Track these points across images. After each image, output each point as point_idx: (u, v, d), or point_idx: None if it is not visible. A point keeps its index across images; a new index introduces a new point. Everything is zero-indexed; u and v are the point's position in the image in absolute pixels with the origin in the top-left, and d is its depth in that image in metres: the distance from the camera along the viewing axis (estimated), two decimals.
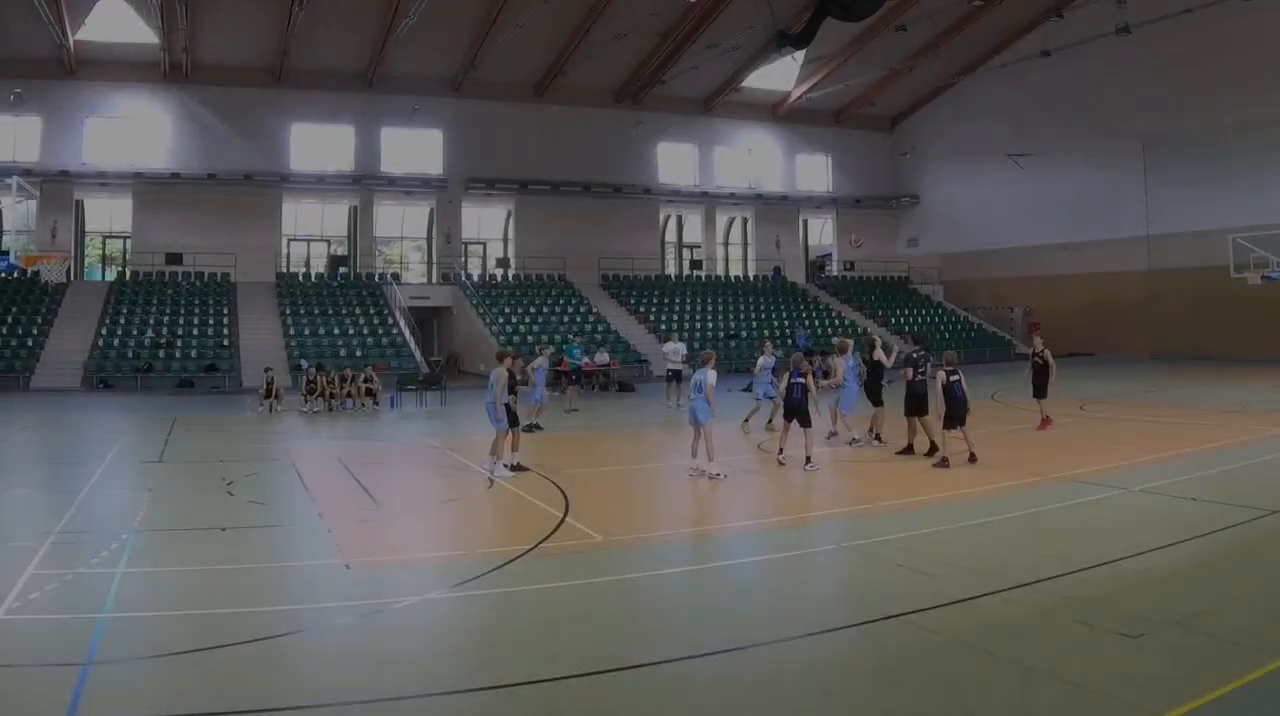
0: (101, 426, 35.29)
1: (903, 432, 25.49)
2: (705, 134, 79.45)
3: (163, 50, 61.87)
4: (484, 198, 74.17)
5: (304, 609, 12.63)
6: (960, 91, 78.24)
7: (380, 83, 68.19)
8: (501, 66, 67.78)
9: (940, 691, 9.57)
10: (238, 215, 66.28)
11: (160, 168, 65.20)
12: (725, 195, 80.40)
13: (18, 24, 56.70)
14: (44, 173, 60.86)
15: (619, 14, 61.96)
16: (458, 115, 71.39)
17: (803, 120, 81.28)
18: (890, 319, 72.45)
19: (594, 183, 74.60)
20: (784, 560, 15.00)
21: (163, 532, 17.06)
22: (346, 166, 70.11)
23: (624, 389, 50.01)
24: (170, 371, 52.65)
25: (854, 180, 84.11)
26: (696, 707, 9.38)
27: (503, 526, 18.21)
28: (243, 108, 66.67)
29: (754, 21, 59.83)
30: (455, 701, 9.60)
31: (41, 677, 9.98)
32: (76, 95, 63.69)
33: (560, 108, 73.07)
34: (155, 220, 65.47)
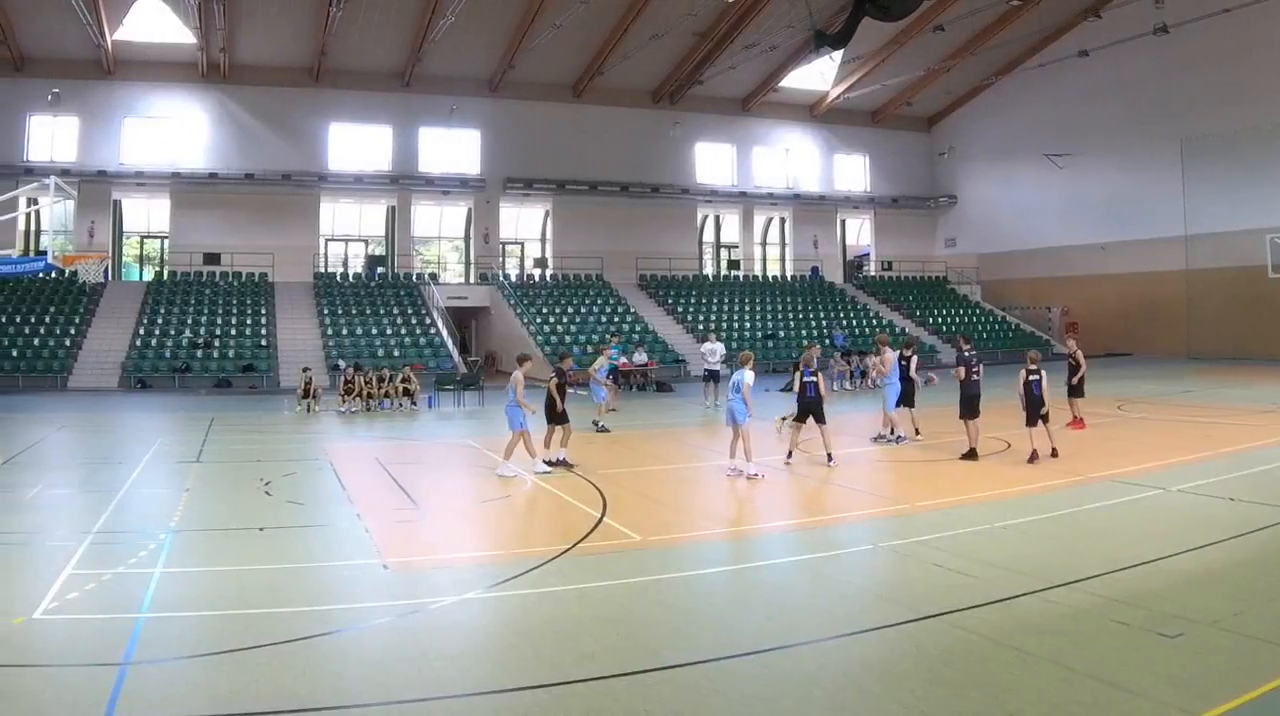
0: (139, 426, 35.33)
1: (950, 433, 25.54)
2: (743, 134, 79.40)
3: (200, 50, 62.39)
4: (522, 197, 74.22)
5: (342, 609, 12.61)
6: (998, 91, 77.88)
7: (418, 83, 68.43)
8: (539, 67, 67.91)
9: (978, 691, 9.51)
10: (276, 215, 66.67)
11: (198, 168, 65.55)
12: (763, 195, 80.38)
13: (56, 24, 57.22)
14: (82, 173, 60.80)
15: (656, 14, 61.92)
16: (495, 115, 71.59)
17: (840, 120, 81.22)
18: (928, 319, 72.85)
19: (632, 183, 74.68)
20: (821, 560, 14.93)
21: (200, 533, 17.06)
22: (384, 166, 70.35)
23: (662, 389, 50.11)
24: (208, 371, 52.89)
25: (892, 180, 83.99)
26: (733, 708, 9.28)
27: (541, 526, 18.19)
28: (281, 108, 67.08)
29: (792, 21, 59.80)
30: (493, 701, 9.54)
31: (79, 677, 10.00)
32: (114, 95, 64.14)
33: (598, 108, 73.13)
34: (193, 220, 65.84)
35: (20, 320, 56.13)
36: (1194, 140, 63.36)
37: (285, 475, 22.91)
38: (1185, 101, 64.00)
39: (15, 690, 9.59)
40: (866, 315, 72.70)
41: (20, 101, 62.15)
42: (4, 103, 61.70)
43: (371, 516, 18.20)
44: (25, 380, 50.08)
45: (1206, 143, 62.48)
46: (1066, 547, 15.21)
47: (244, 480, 21.98)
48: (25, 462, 24.51)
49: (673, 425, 33.91)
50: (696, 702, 9.39)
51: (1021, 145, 75.96)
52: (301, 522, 18.06)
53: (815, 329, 67.27)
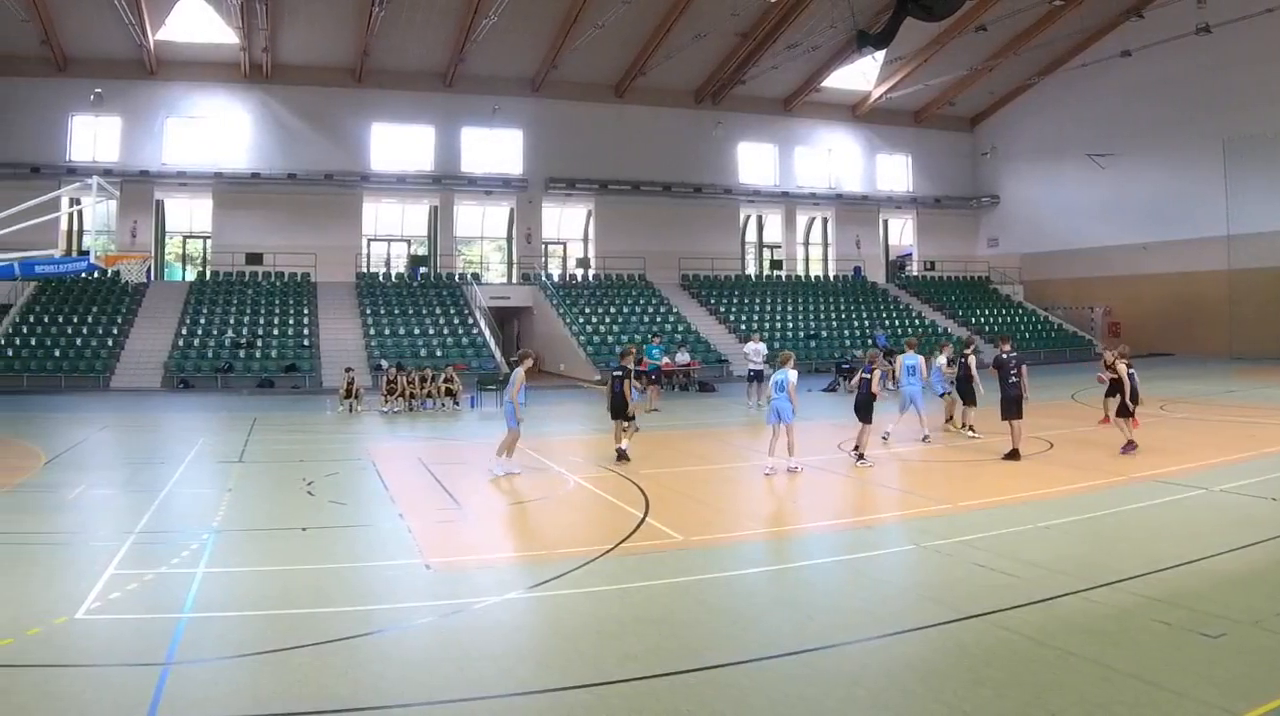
0: (181, 426, 35.40)
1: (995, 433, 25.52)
2: (785, 134, 79.34)
3: (243, 50, 62.62)
4: (564, 197, 74.35)
5: (384, 609, 12.62)
6: (1040, 91, 77.72)
7: (460, 82, 68.63)
8: (582, 66, 68.08)
9: (1021, 691, 9.50)
10: (318, 215, 67.01)
11: (240, 168, 65.98)
12: (805, 195, 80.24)
13: (98, 24, 57.70)
14: (124, 173, 61.35)
15: (699, 14, 61.96)
16: (538, 115, 71.71)
17: (883, 120, 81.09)
18: (970, 319, 72.74)
19: (674, 183, 74.72)
20: (863, 560, 14.85)
21: (243, 533, 17.13)
22: (427, 166, 70.47)
23: (704, 389, 50.00)
24: (250, 371, 53.04)
25: (934, 180, 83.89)
26: (775, 708, 9.25)
27: (583, 526, 18.07)
28: (323, 107, 67.48)
29: (834, 21, 59.55)
30: (535, 701, 9.56)
31: (121, 677, 10.02)
32: (156, 95, 64.58)
33: (640, 107, 73.25)
34: (235, 220, 66.20)
35: (63, 320, 56.40)
36: (1237, 140, 63.24)
37: (328, 475, 22.97)
38: (1228, 101, 63.74)
39: (57, 690, 9.62)
40: (909, 315, 72.58)
41: (63, 101, 62.57)
42: (47, 103, 62.10)
43: (414, 516, 18.18)
44: (68, 380, 50.27)
45: (1249, 142, 62.30)
46: (1109, 547, 15.22)
47: (286, 480, 22.03)
48: (67, 462, 24.57)
49: (715, 425, 33.83)
50: (739, 703, 9.35)
51: (1064, 145, 75.79)
52: (344, 522, 18.08)
53: (857, 329, 67.27)
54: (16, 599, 12.58)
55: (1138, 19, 64.01)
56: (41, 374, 50.50)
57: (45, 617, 11.71)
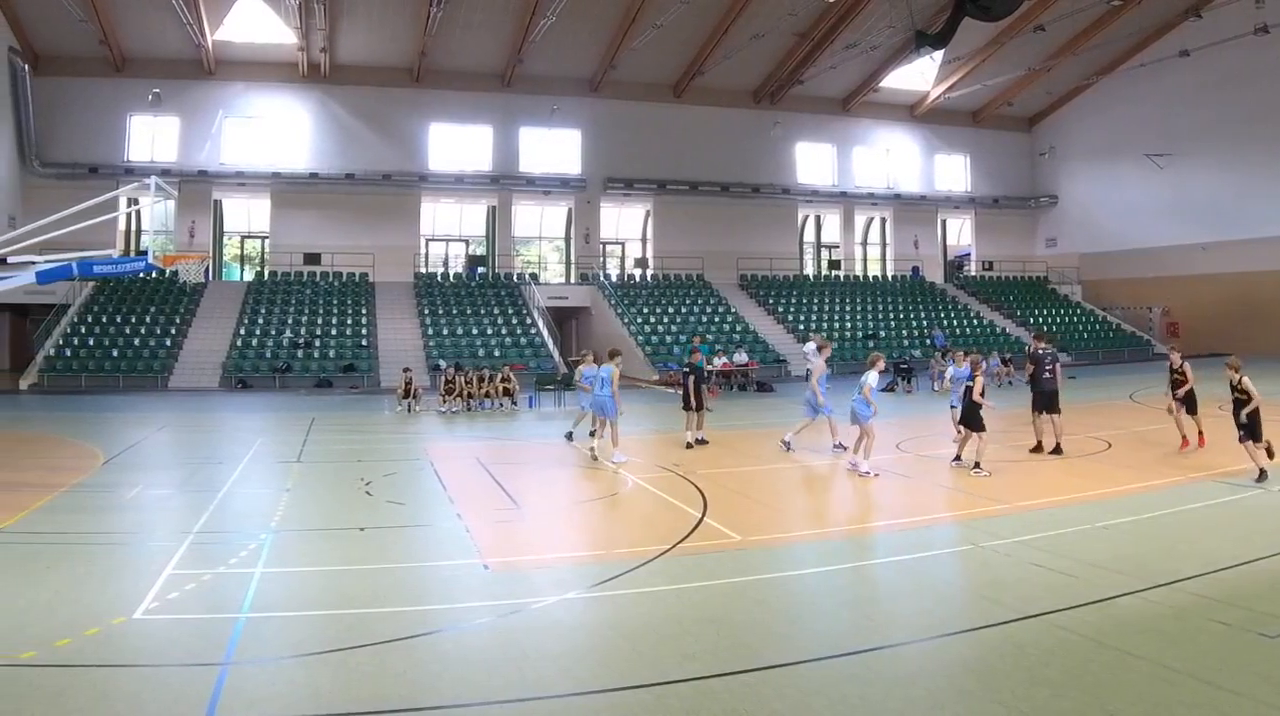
0: (239, 426, 35.57)
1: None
2: (843, 134, 79.22)
3: (301, 50, 63.22)
4: (622, 197, 74.41)
5: (442, 609, 12.66)
6: (1099, 91, 77.27)
7: (518, 82, 68.82)
8: (640, 67, 68.19)
9: (1079, 691, 9.50)
10: (376, 215, 67.47)
11: (298, 168, 66.43)
12: (863, 195, 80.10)
13: (157, 25, 58.35)
14: (182, 172, 61.79)
15: (757, 14, 61.87)
16: (596, 115, 71.84)
17: (941, 120, 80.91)
18: (1028, 319, 72.39)
19: (732, 183, 74.62)
20: (921, 560, 14.82)
21: (301, 533, 17.21)
22: (485, 166, 70.72)
23: (762, 389, 49.88)
24: (308, 371, 53.42)
25: (992, 180, 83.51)
26: (834, 708, 9.27)
27: (641, 526, 18.02)
28: (381, 108, 67.84)
29: (892, 21, 59.80)
30: (593, 701, 9.59)
31: (179, 677, 10.08)
32: (215, 95, 64.98)
33: (698, 108, 73.11)
34: (293, 220, 66.76)
35: (121, 320, 56.90)
36: None
37: (386, 475, 23.07)
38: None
39: (116, 690, 9.68)
40: (967, 315, 72.42)
41: (121, 102, 63.19)
42: (105, 103, 62.70)
43: (472, 516, 18.24)
44: (126, 380, 50.70)
45: None
46: (1166, 547, 15.22)
47: (344, 480, 22.14)
48: (125, 463, 24.71)
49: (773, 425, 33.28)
50: (797, 703, 9.37)
51: (1122, 145, 75.43)
52: (402, 522, 18.13)
53: (915, 329, 67.23)
54: (75, 599, 12.65)
55: (1196, 19, 63.57)
56: (99, 374, 50.92)
57: (103, 618, 11.78)
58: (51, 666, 10.19)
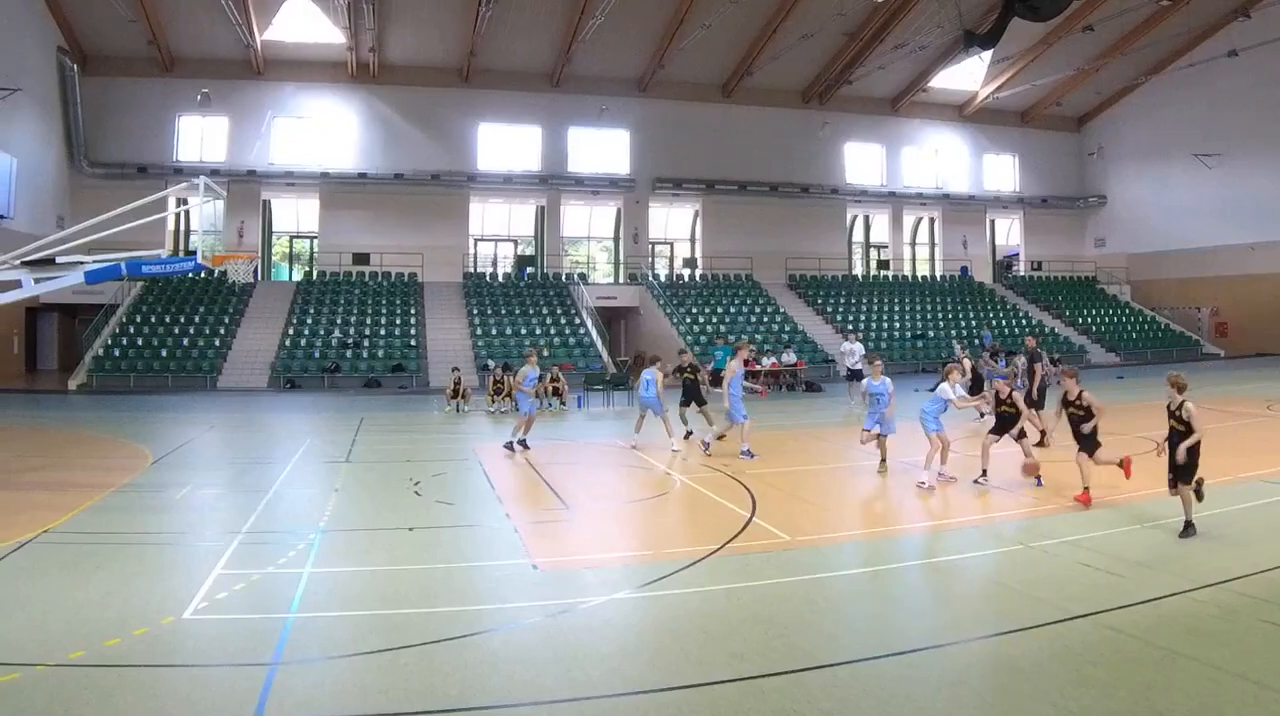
0: (288, 426, 35.78)
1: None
2: (892, 134, 79.14)
3: (350, 50, 63.62)
4: (671, 197, 74.44)
5: (491, 609, 12.66)
6: (1147, 91, 76.97)
7: (567, 83, 69.05)
8: (688, 67, 68.22)
9: (1127, 691, 9.47)
10: (425, 215, 67.75)
11: (347, 168, 66.84)
12: (912, 195, 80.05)
13: (205, 25, 58.85)
14: (231, 173, 62.17)
15: (806, 14, 61.84)
16: (645, 115, 71.94)
17: (989, 120, 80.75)
18: (1077, 319, 72.64)
19: (781, 183, 74.62)
20: (970, 560, 14.86)
21: (349, 532, 17.22)
22: (534, 166, 70.97)
23: (811, 389, 49.90)
24: (357, 371, 53.62)
25: (1041, 180, 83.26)
26: (883, 707, 9.27)
27: (690, 526, 18.02)
28: (430, 108, 68.07)
29: (941, 21, 59.84)
30: (642, 701, 9.60)
31: (228, 677, 10.12)
32: (263, 95, 65.46)
33: (747, 108, 73.06)
34: (342, 220, 67.17)
35: (170, 320, 57.32)
36: None
37: (434, 475, 23.09)
38: None
39: (165, 690, 9.73)
40: (1016, 315, 72.23)
41: (170, 102, 63.67)
42: (154, 103, 63.20)
43: (521, 516, 18.27)
44: (175, 380, 51.08)
45: None
46: (1214, 547, 15.17)
47: (393, 480, 22.15)
48: (175, 462, 24.80)
49: (821, 425, 33.68)
50: (846, 702, 9.37)
51: (1171, 145, 75.18)
52: (451, 522, 18.12)
53: (964, 329, 66.86)
54: (124, 599, 12.68)
55: (1244, 19, 63.45)
56: (148, 374, 51.29)
57: (152, 617, 11.82)
58: (101, 666, 10.21)
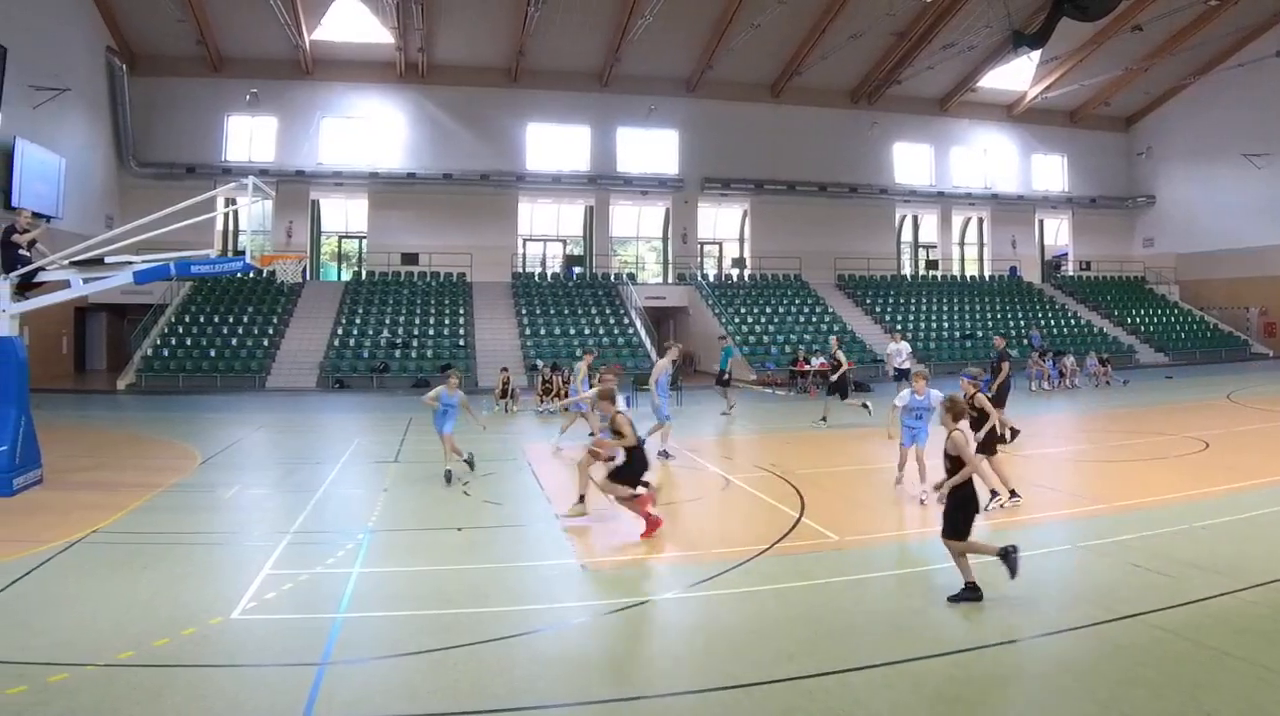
0: (337, 426, 35.89)
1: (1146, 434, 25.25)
2: (940, 134, 78.97)
3: (398, 50, 63.91)
4: (719, 197, 74.39)
5: (540, 609, 12.68)
6: (1196, 91, 76.51)
7: (616, 83, 69.11)
8: (737, 66, 68.09)
9: (1176, 691, 9.46)
10: (474, 215, 67.99)
11: (396, 168, 67.10)
12: (961, 195, 79.81)
13: (254, 25, 59.13)
14: (280, 172, 62.63)
15: (855, 14, 61.80)
16: (693, 115, 71.96)
17: (1038, 120, 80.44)
18: (1125, 319, 72.35)
19: (830, 183, 74.55)
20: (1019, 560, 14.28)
21: (398, 533, 17.30)
22: (582, 166, 71.09)
23: (860, 389, 49.11)
24: (406, 371, 53.64)
25: (1089, 180, 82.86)
26: (932, 707, 9.33)
27: (738, 526, 18.00)
28: (479, 108, 68.33)
29: (990, 21, 59.73)
30: (691, 701, 9.60)
31: (277, 677, 10.19)
32: (312, 95, 65.90)
33: (796, 107, 73.09)
34: (390, 220, 67.47)
35: (219, 320, 57.65)
36: None
37: (483, 475, 23.15)
38: None
39: (213, 690, 9.78)
40: (1064, 315, 71.96)
41: (219, 102, 64.18)
42: (202, 103, 63.73)
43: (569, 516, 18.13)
44: (224, 380, 51.33)
45: None
46: (1264, 547, 15.16)
47: (442, 480, 22.15)
48: (223, 462, 24.93)
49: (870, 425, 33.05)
50: (895, 702, 9.41)
51: (1220, 145, 74.71)
52: (499, 522, 18.16)
53: (1013, 329, 66.39)
54: (173, 599, 12.76)
55: None
56: (197, 374, 51.59)
57: (201, 617, 11.89)
58: (149, 666, 10.28)
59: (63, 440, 27.83)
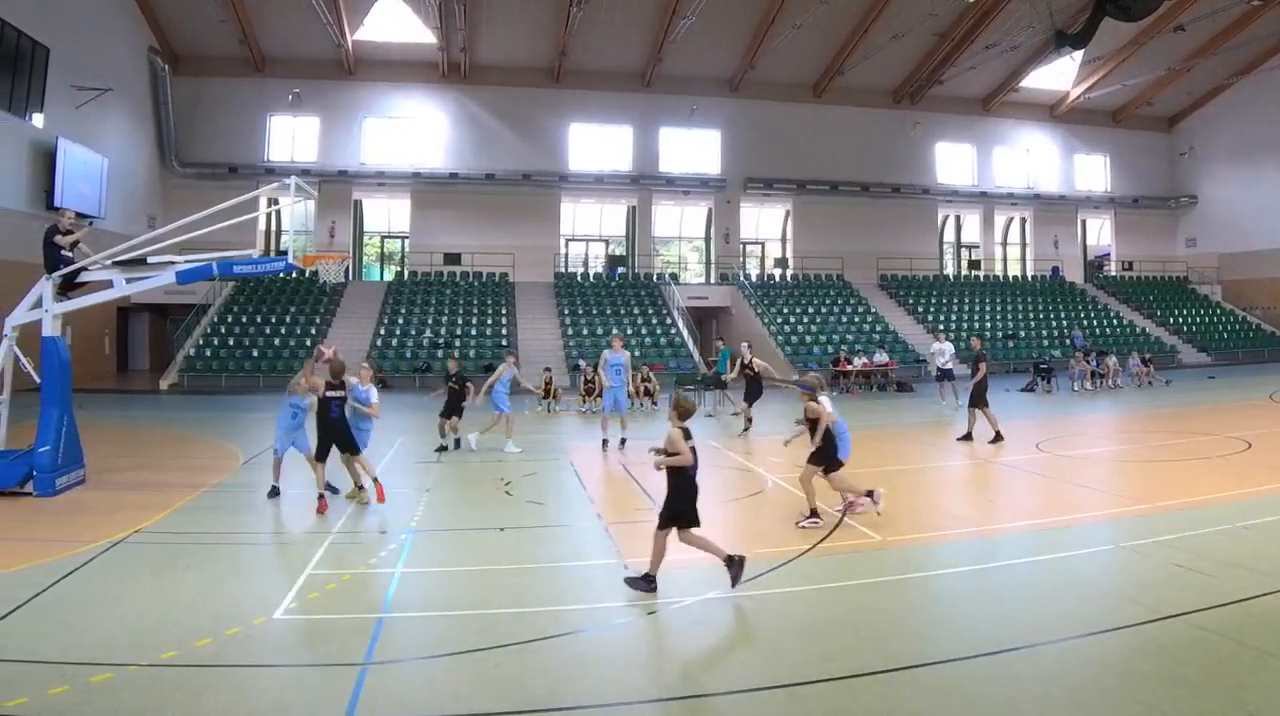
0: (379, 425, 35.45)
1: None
2: (983, 134, 78.93)
3: (441, 50, 64.17)
4: (762, 197, 74.50)
5: (582, 609, 12.63)
6: (1239, 91, 76.45)
7: (658, 82, 69.40)
8: (779, 66, 68.35)
9: (1219, 692, 9.41)
10: (516, 215, 68.36)
11: (438, 168, 67.49)
12: (1003, 195, 79.72)
13: (297, 25, 59.65)
14: (322, 173, 63.60)
15: (897, 14, 61.91)
16: (736, 115, 72.06)
17: (1080, 120, 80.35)
18: (1168, 319, 72.20)
19: (872, 183, 74.67)
20: (1060, 560, 14.66)
21: (441, 533, 17.31)
22: (625, 166, 71.27)
23: (902, 389, 50.00)
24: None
25: (1132, 180, 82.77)
26: (974, 708, 9.30)
27: (781, 526, 17.74)
28: (521, 108, 68.66)
29: (1032, 21, 59.66)
30: (733, 701, 9.59)
31: (319, 678, 10.21)
32: (354, 95, 66.50)
33: (838, 107, 73.30)
34: (433, 220, 67.91)
35: (261, 320, 58.04)
36: None
37: (526, 475, 23.19)
38: None
39: (256, 690, 9.81)
40: (1107, 315, 71.81)
41: (261, 102, 64.79)
42: (245, 103, 64.38)
43: (612, 516, 18.35)
44: (266, 380, 51.30)
45: None
46: None
47: (485, 480, 22.26)
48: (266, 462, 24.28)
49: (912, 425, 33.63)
50: (937, 703, 9.37)
51: (1263, 145, 74.86)
52: (542, 523, 18.11)
53: (1055, 329, 66.96)
54: (215, 599, 12.81)
55: None
56: (239, 374, 51.93)
57: (243, 617, 11.92)
58: (192, 666, 10.30)
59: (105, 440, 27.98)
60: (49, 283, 21.09)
